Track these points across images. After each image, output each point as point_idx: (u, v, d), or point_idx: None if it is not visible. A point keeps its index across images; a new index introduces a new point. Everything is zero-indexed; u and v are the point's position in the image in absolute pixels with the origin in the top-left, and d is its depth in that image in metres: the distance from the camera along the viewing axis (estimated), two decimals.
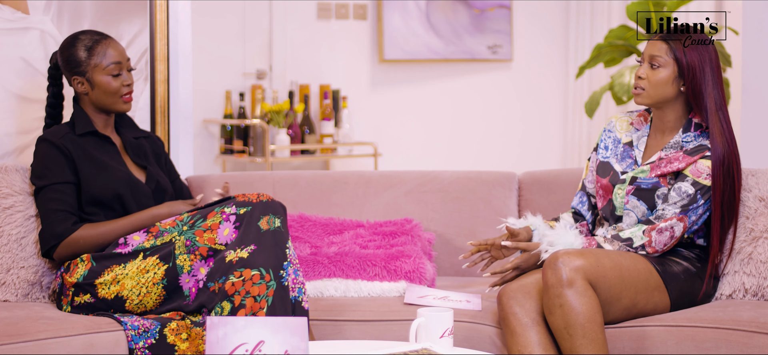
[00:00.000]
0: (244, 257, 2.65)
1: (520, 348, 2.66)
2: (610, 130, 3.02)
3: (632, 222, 2.88)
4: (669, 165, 2.85)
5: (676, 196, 2.81)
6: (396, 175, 3.49)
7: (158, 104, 3.55)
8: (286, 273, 2.66)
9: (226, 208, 2.75)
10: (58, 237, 2.81)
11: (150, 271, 2.74)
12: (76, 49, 2.94)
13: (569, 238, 2.82)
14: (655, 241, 2.80)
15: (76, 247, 2.82)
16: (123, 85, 2.95)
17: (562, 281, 2.61)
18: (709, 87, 2.82)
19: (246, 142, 5.55)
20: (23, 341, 2.53)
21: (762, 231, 2.91)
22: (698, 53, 2.82)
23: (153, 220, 2.86)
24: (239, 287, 2.62)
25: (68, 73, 2.96)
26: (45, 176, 2.86)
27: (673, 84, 2.85)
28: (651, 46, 2.87)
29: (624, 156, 2.95)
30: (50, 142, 2.88)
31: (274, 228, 2.70)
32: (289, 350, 2.16)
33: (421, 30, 6.07)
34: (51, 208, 2.83)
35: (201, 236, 2.73)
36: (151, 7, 3.52)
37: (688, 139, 2.87)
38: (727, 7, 6.00)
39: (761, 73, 3.70)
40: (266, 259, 2.65)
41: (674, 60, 2.83)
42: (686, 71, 2.82)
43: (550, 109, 6.60)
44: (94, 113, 2.98)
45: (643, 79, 2.86)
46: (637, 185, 2.87)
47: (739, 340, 2.64)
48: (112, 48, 2.95)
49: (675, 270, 2.81)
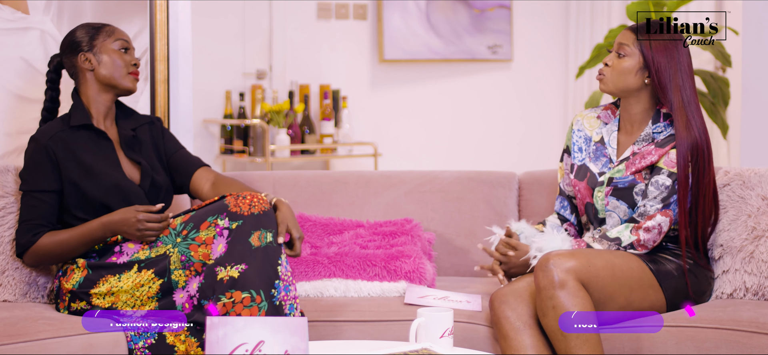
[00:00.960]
0: (234, 277, 2.59)
1: (513, 351, 2.66)
2: (579, 129, 3.02)
3: (616, 222, 2.88)
4: (643, 160, 2.86)
5: (654, 190, 2.82)
6: (396, 175, 3.49)
7: (158, 104, 3.55)
8: (278, 292, 2.61)
9: (220, 220, 2.67)
10: (21, 247, 2.83)
11: (145, 285, 2.72)
12: (82, 31, 2.94)
13: (557, 241, 2.82)
14: (644, 239, 2.80)
15: (40, 256, 2.82)
16: (130, 62, 2.93)
17: (554, 283, 2.61)
18: (676, 82, 2.83)
19: (246, 142, 5.54)
20: (23, 341, 2.53)
21: (764, 230, 2.91)
22: (666, 49, 2.83)
23: (104, 228, 2.78)
24: (230, 308, 2.58)
25: (73, 54, 2.92)
26: (26, 181, 2.85)
27: (637, 75, 2.86)
28: (621, 35, 2.89)
29: (598, 155, 2.96)
30: (39, 144, 2.84)
31: (266, 244, 2.63)
32: (289, 350, 2.16)
33: (421, 30, 6.07)
34: (22, 217, 2.84)
35: (195, 252, 2.68)
36: (151, 7, 3.52)
37: (658, 130, 2.88)
38: (727, 7, 6.00)
39: (761, 73, 3.70)
40: (257, 279, 2.59)
41: (640, 51, 2.85)
42: (651, 63, 2.83)
43: (550, 109, 6.60)
44: (96, 99, 2.92)
45: (608, 66, 2.89)
46: (614, 185, 2.87)
47: (739, 340, 2.64)
48: (118, 31, 2.96)
49: (668, 268, 2.81)
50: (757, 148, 3.70)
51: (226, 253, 2.62)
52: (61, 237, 2.81)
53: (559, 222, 3.03)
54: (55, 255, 2.82)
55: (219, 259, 2.63)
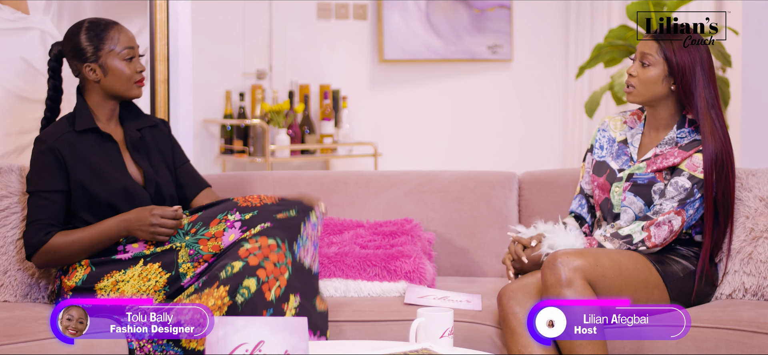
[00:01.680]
0: (259, 230, 2.66)
1: (520, 348, 2.66)
2: (604, 129, 3.03)
3: (630, 218, 2.89)
4: (665, 160, 2.87)
5: (673, 191, 2.82)
6: (396, 175, 3.49)
7: (158, 104, 3.55)
8: (298, 247, 2.67)
9: (230, 215, 2.71)
10: (32, 247, 2.79)
11: (151, 279, 2.72)
12: (86, 36, 2.88)
13: (570, 239, 2.83)
14: (655, 235, 2.80)
15: (51, 256, 2.79)
16: (136, 71, 2.89)
17: (561, 281, 2.62)
18: (701, 87, 2.84)
19: (246, 142, 5.54)
20: (23, 341, 2.53)
21: (762, 231, 2.91)
22: (689, 53, 2.84)
23: (119, 226, 2.77)
24: (255, 250, 2.61)
25: (78, 62, 2.88)
26: (34, 182, 2.82)
27: (663, 82, 2.87)
28: (643, 44, 2.89)
29: (619, 154, 2.97)
30: (45, 145, 2.81)
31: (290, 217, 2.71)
32: (289, 350, 2.16)
33: (421, 30, 6.07)
34: (31, 217, 2.81)
35: (205, 245, 2.70)
36: (151, 7, 3.52)
37: (682, 135, 2.89)
38: (727, 7, 6.00)
39: (761, 73, 3.70)
40: (282, 233, 2.66)
41: (664, 59, 2.85)
42: (676, 70, 2.84)
43: (550, 109, 6.60)
44: (101, 104, 2.90)
45: (634, 77, 2.89)
46: (633, 181, 2.88)
47: (739, 340, 2.64)
48: (123, 34, 2.90)
49: (674, 269, 2.81)
50: (757, 148, 3.70)
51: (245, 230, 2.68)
52: (75, 236, 2.78)
53: (577, 225, 3.03)
54: (66, 255, 2.79)
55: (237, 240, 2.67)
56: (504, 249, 3.34)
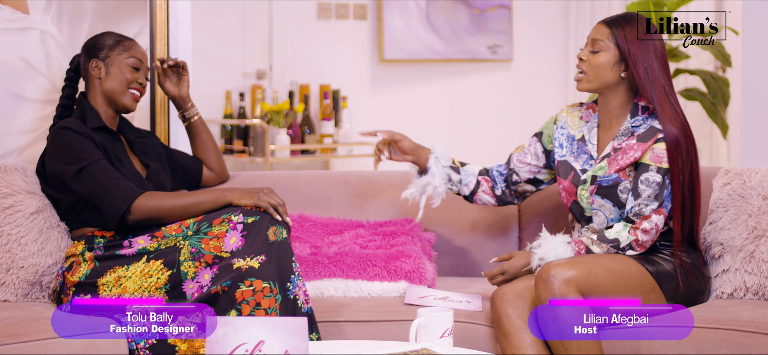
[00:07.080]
0: (254, 267, 2.64)
1: (514, 349, 2.66)
2: (562, 126, 3.01)
3: (602, 221, 2.88)
4: (625, 156, 2.85)
5: (646, 188, 2.80)
6: (396, 175, 3.49)
7: (158, 104, 3.55)
8: (293, 286, 2.68)
9: (233, 216, 2.73)
10: (126, 200, 2.77)
11: (153, 276, 2.73)
12: (106, 37, 3.02)
13: (559, 250, 2.81)
14: (642, 240, 2.80)
15: (149, 208, 2.78)
16: (135, 79, 3.00)
17: (554, 295, 2.61)
18: (656, 73, 2.82)
19: (246, 142, 5.55)
20: (23, 341, 2.53)
21: (765, 229, 2.91)
22: (641, 41, 2.82)
23: (216, 196, 2.78)
24: (249, 296, 2.62)
25: (88, 56, 3.00)
26: (82, 157, 2.84)
27: (614, 68, 2.85)
28: (594, 30, 2.88)
29: (579, 152, 2.95)
30: (74, 130, 2.88)
31: (281, 239, 2.71)
32: (289, 350, 2.16)
33: (421, 30, 6.07)
34: (107, 181, 2.79)
35: (207, 244, 2.72)
36: (151, 7, 3.52)
37: (637, 123, 2.87)
38: (727, 7, 6.00)
39: (761, 73, 3.70)
40: (273, 271, 2.66)
41: (615, 45, 2.84)
42: (627, 56, 2.82)
43: (549, 109, 6.59)
44: (103, 107, 3.01)
45: (585, 61, 2.87)
46: (598, 184, 2.87)
47: (739, 340, 2.64)
48: (137, 48, 3.03)
49: (666, 269, 2.81)
50: (757, 148, 3.70)
51: (244, 246, 2.68)
52: (169, 196, 2.80)
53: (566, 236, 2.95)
54: (162, 210, 2.78)
55: (236, 252, 2.67)
56: (504, 249, 3.35)
